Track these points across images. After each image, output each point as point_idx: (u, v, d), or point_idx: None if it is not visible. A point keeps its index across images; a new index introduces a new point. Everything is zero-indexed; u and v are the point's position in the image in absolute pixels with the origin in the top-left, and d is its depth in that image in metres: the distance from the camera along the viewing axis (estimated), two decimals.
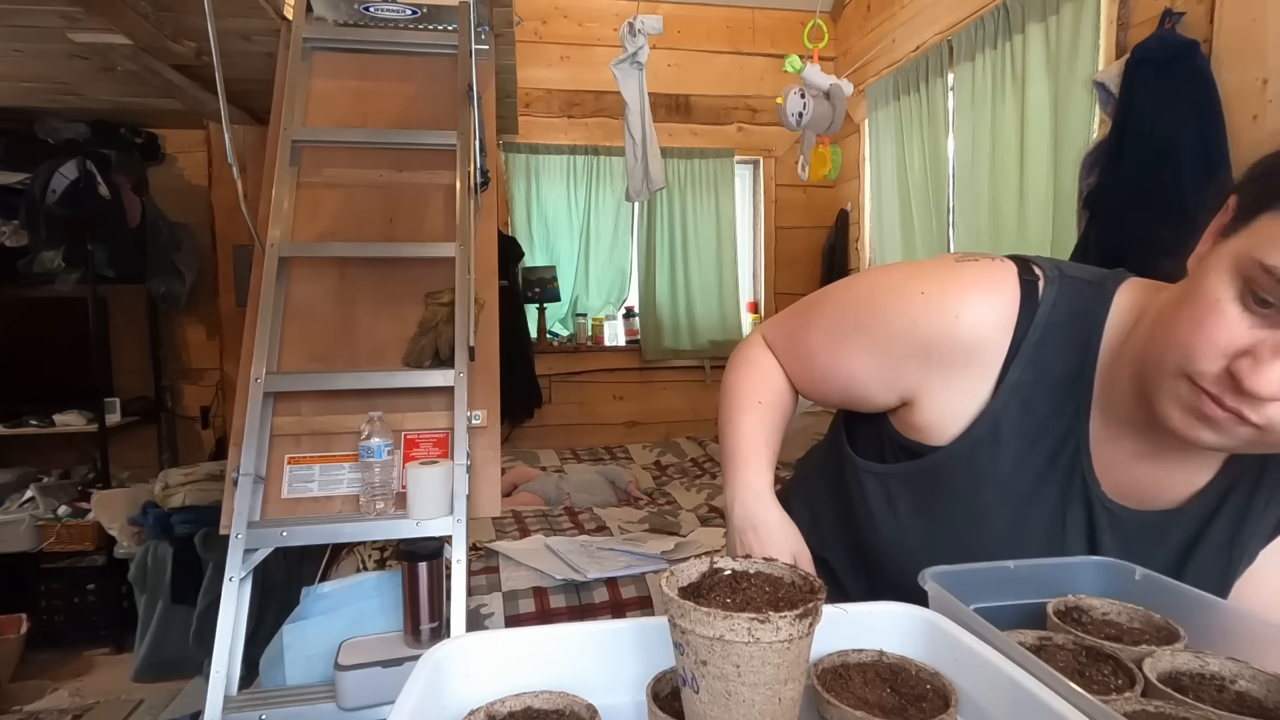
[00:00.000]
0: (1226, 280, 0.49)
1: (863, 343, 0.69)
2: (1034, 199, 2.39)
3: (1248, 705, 0.50)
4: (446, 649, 0.53)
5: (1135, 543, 0.64)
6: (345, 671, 1.38)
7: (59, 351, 3.23)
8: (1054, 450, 0.62)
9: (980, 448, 0.63)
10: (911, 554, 0.71)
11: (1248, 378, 0.46)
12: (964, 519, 0.67)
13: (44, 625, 2.93)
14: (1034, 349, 0.61)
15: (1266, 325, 0.47)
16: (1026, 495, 0.64)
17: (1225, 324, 0.48)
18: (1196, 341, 0.49)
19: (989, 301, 0.62)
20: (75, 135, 3.13)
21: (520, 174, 3.79)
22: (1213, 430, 0.51)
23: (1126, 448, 0.61)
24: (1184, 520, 0.63)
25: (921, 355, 0.64)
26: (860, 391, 0.72)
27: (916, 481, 0.70)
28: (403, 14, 1.99)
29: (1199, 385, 0.50)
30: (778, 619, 0.42)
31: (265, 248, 1.68)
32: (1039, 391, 0.61)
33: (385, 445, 1.54)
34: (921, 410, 0.67)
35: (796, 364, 0.79)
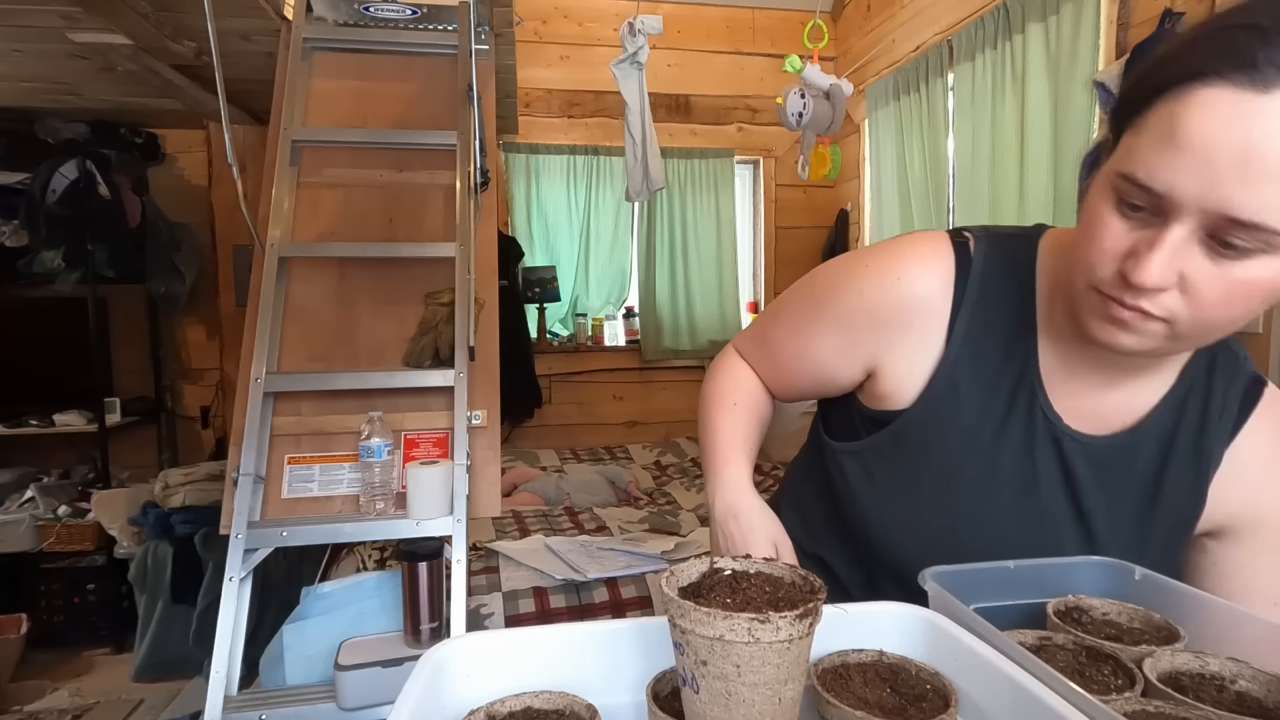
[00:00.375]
0: (1104, 196, 0.54)
1: (820, 324, 0.74)
2: (1034, 199, 2.39)
3: (1248, 705, 0.50)
4: (446, 649, 0.53)
5: (1109, 468, 0.67)
6: (345, 671, 1.38)
7: (59, 351, 3.23)
8: (1011, 393, 0.66)
9: (941, 402, 0.67)
10: (897, 524, 0.73)
11: (1133, 273, 0.52)
12: (939, 476, 0.69)
13: (44, 625, 2.93)
14: (975, 300, 0.66)
15: (1141, 226, 0.53)
16: (993, 440, 0.67)
17: (1109, 233, 0.54)
18: (1090, 254, 0.55)
19: (927, 262, 0.68)
20: (75, 135, 3.13)
21: (520, 174, 3.79)
22: (1127, 332, 0.56)
23: (1080, 377, 0.65)
24: (1149, 436, 0.66)
25: (874, 323, 0.69)
26: (827, 372, 0.76)
27: (890, 450, 0.72)
28: (403, 14, 1.99)
29: (1103, 293, 0.55)
30: (778, 619, 0.42)
31: (265, 248, 1.68)
32: (987, 340, 0.66)
33: (385, 445, 1.54)
34: (883, 377, 0.71)
35: (766, 362, 0.83)
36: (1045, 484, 0.68)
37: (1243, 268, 0.50)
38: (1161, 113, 0.50)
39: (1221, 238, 0.50)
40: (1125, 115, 0.55)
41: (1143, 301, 0.53)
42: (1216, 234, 0.50)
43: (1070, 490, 0.68)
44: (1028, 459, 0.67)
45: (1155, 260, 0.51)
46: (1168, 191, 0.50)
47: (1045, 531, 0.70)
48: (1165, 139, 0.50)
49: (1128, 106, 0.54)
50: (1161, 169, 0.50)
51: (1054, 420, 0.66)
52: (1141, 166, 0.51)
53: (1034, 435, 0.67)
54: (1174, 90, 0.50)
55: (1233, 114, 0.47)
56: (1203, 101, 0.48)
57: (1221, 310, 0.53)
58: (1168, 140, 0.49)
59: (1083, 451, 0.67)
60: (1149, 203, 0.51)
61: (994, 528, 0.69)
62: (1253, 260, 0.50)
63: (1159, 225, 0.52)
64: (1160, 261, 0.51)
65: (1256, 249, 0.49)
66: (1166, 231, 0.51)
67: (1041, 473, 0.68)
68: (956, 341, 0.67)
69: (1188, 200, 0.49)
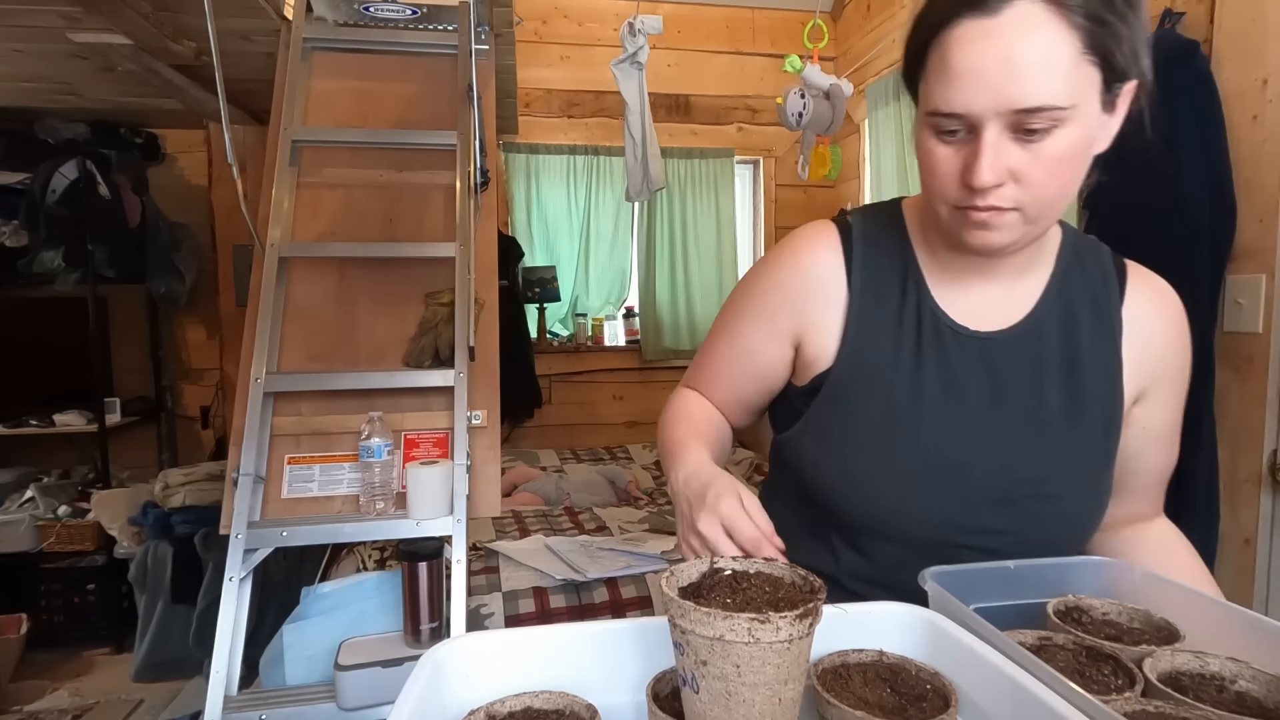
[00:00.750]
0: (926, 136, 0.66)
1: (746, 319, 0.82)
2: None
3: (1248, 705, 0.51)
4: (446, 649, 0.53)
5: (1022, 353, 0.74)
6: (345, 671, 1.38)
7: (59, 351, 3.23)
8: (915, 322, 0.75)
9: (857, 346, 0.76)
10: (857, 478, 0.75)
11: (974, 180, 0.62)
12: (877, 414, 0.74)
13: (44, 625, 2.93)
14: (862, 256, 0.77)
15: (962, 145, 0.64)
16: (914, 368, 0.74)
17: (941, 160, 0.65)
18: (937, 182, 0.67)
19: (818, 236, 0.80)
20: (75, 135, 3.13)
21: (520, 174, 3.78)
22: (991, 230, 0.66)
23: (966, 285, 0.75)
24: (1049, 317, 0.75)
25: (787, 298, 0.79)
26: (763, 360, 0.82)
27: (830, 410, 0.77)
28: (403, 14, 1.99)
29: (960, 207, 0.66)
30: (778, 619, 0.42)
31: (265, 248, 1.68)
32: (881, 284, 0.76)
33: (385, 445, 1.54)
34: (808, 345, 0.78)
35: (711, 378, 0.88)
36: (971, 389, 0.73)
37: (1049, 145, 0.61)
38: (934, 59, 0.63)
39: (1022, 128, 0.61)
40: (911, 75, 0.68)
41: (991, 199, 0.63)
42: (1017, 127, 0.61)
43: (995, 387, 0.74)
44: (945, 370, 0.74)
45: (984, 163, 0.61)
46: (966, 110, 0.61)
47: (990, 434, 0.73)
48: (946, 74, 0.62)
49: (910, 67, 0.68)
50: (954, 95, 0.61)
51: (960, 331, 0.75)
52: (940, 101, 0.63)
53: (943, 346, 0.74)
54: (934, 40, 0.63)
55: (981, 38, 0.60)
56: (957, 38, 0.61)
57: (1051, 185, 0.64)
58: (948, 74, 0.62)
59: (991, 346, 0.74)
60: (958, 125, 0.63)
61: (939, 445, 0.73)
62: (1052, 136, 0.61)
63: (974, 139, 0.63)
64: (988, 162, 0.61)
65: (1051, 126, 0.60)
66: (981, 140, 0.62)
67: (964, 378, 0.74)
68: (856, 292, 0.76)
69: (983, 110, 0.61)
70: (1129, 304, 0.77)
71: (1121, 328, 0.76)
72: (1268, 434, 1.59)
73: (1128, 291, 0.77)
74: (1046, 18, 0.58)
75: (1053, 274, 0.76)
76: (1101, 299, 0.76)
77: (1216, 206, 1.61)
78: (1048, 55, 0.58)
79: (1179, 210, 1.61)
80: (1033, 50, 0.58)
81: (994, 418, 0.73)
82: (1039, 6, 0.58)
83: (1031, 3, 0.58)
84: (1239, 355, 1.64)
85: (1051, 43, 0.58)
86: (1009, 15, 0.59)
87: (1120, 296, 0.77)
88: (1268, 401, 1.59)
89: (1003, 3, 0.59)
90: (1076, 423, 0.73)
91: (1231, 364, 1.65)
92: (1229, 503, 1.66)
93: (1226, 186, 1.61)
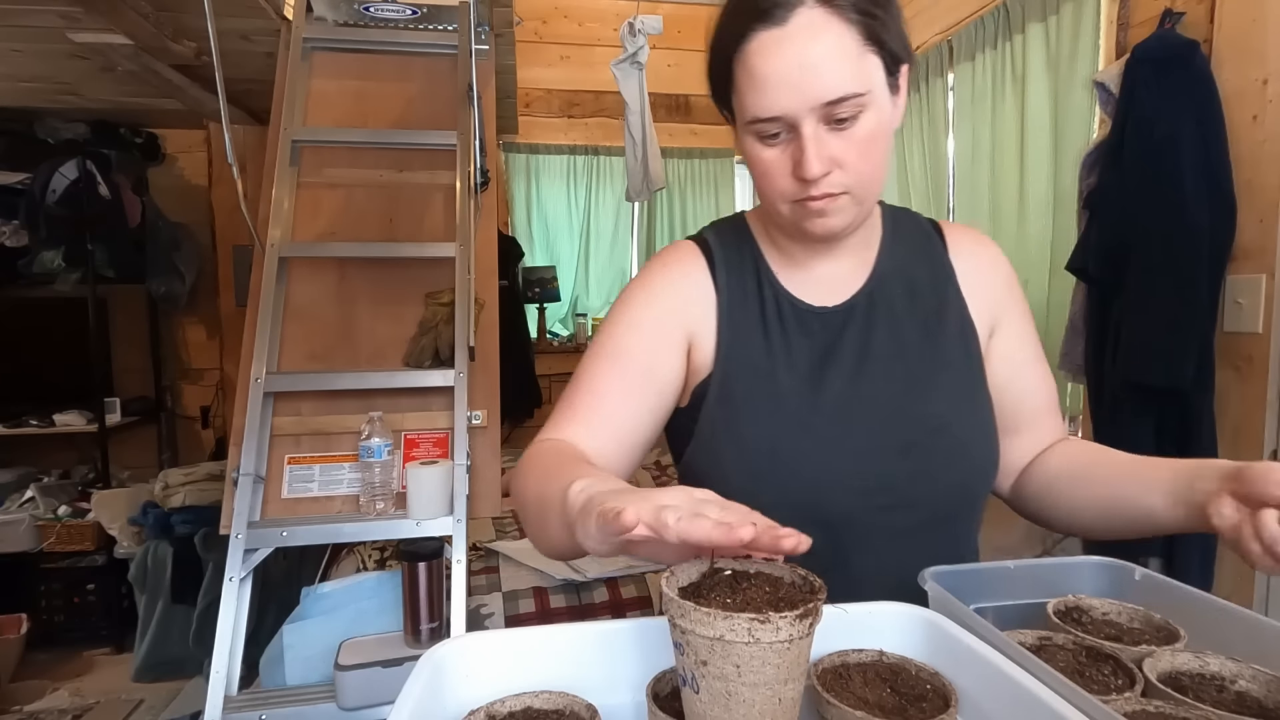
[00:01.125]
0: (752, 145, 0.72)
1: (632, 338, 0.81)
2: (1034, 199, 2.39)
3: (1248, 705, 0.50)
4: (446, 649, 0.53)
5: (877, 315, 0.80)
6: (345, 671, 1.38)
7: (59, 351, 3.23)
8: (777, 313, 0.80)
9: (735, 345, 0.80)
10: (767, 476, 0.75)
11: (805, 172, 0.68)
12: (766, 406, 0.77)
13: (44, 625, 2.93)
14: (723, 261, 0.83)
15: (786, 145, 0.70)
16: (786, 353, 0.79)
17: (772, 162, 0.71)
18: (772, 184, 0.73)
19: (680, 250, 0.86)
20: (75, 135, 3.13)
21: (520, 174, 3.78)
22: (831, 215, 0.72)
23: (812, 272, 0.82)
24: (887, 280, 0.82)
25: (671, 307, 0.81)
26: (660, 375, 0.80)
27: (721, 412, 0.79)
28: (403, 14, 1.99)
29: (798, 200, 0.72)
30: (778, 619, 0.41)
31: (265, 248, 1.68)
32: (741, 285, 0.82)
33: (385, 445, 1.54)
34: (695, 351, 0.81)
35: (592, 414, 0.77)
36: (840, 358, 0.78)
37: (858, 129, 0.68)
38: (740, 74, 0.70)
39: (833, 118, 0.67)
40: (722, 92, 0.74)
41: (823, 187, 0.70)
42: (829, 119, 0.68)
43: (861, 349, 0.79)
44: (813, 348, 0.79)
45: (810, 155, 0.68)
46: (783, 112, 0.67)
47: (871, 393, 0.77)
48: (756, 84, 0.68)
49: (720, 85, 0.74)
50: (769, 101, 0.68)
51: (814, 308, 0.81)
52: (759, 109, 0.69)
53: (806, 327, 0.80)
54: (735, 56, 0.69)
55: (777, 46, 0.66)
56: (755, 50, 0.67)
57: (867, 164, 0.70)
58: (758, 84, 0.68)
59: (848, 315, 0.80)
60: (779, 128, 0.69)
61: (829, 417, 0.76)
62: (859, 121, 0.68)
63: (794, 137, 0.69)
64: (813, 153, 0.68)
65: (857, 112, 0.68)
66: (803, 136, 0.68)
67: (832, 350, 0.79)
68: (723, 294, 0.81)
69: (798, 108, 0.67)
70: (953, 252, 0.85)
71: (954, 272, 0.84)
72: (1268, 434, 1.59)
73: (949, 242, 0.86)
74: (828, 19, 0.66)
75: (881, 242, 0.84)
76: (930, 253, 0.85)
77: (1216, 207, 1.61)
78: (837, 51, 0.66)
79: (1179, 210, 1.61)
80: (824, 49, 0.66)
81: (869, 377, 0.78)
82: (819, 11, 0.66)
83: (812, 9, 0.66)
84: (1239, 355, 1.64)
85: (837, 39, 0.66)
86: (796, 23, 0.66)
87: (945, 248, 0.85)
88: (1268, 401, 1.59)
89: (788, 13, 0.66)
90: (941, 361, 0.79)
91: (1231, 364, 1.65)
92: None
93: (1226, 186, 1.61)
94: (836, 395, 0.77)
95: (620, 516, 0.43)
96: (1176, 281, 1.62)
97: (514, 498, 0.74)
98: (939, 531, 0.77)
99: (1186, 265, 1.61)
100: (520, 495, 0.71)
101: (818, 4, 0.66)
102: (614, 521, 0.43)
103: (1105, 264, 1.78)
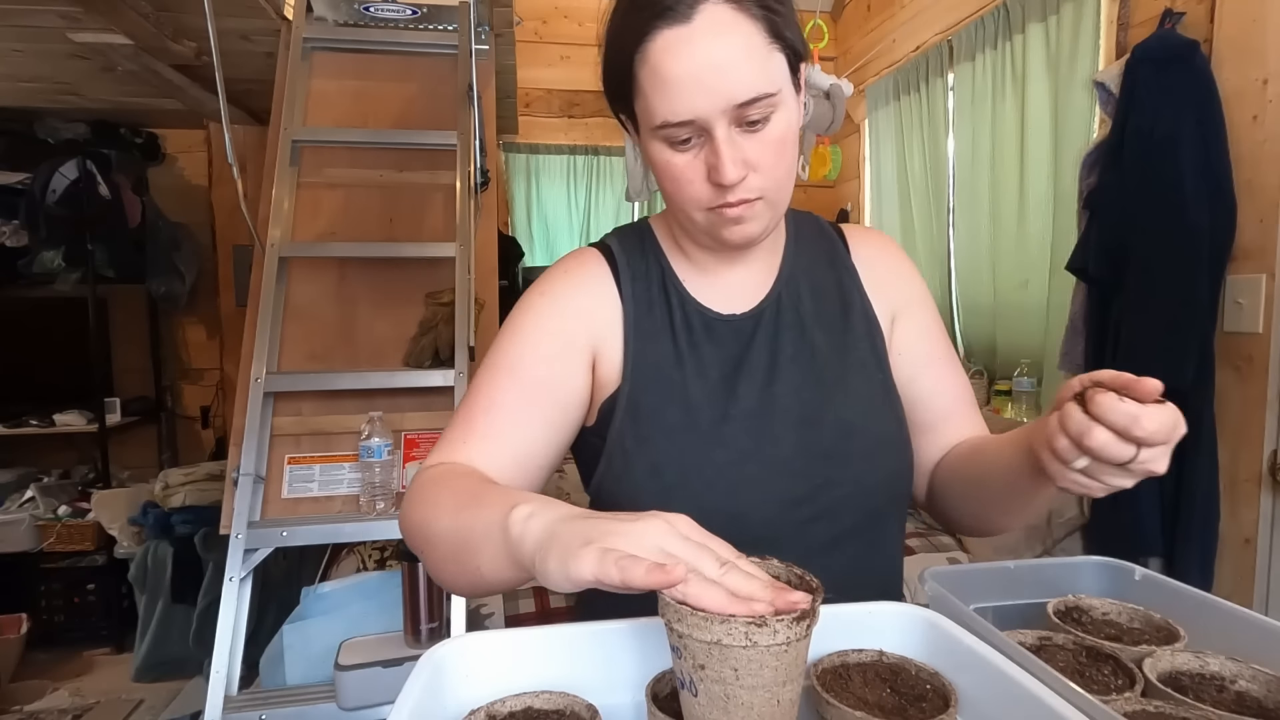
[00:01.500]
0: (661, 151, 0.68)
1: (531, 350, 0.76)
2: (1034, 199, 2.39)
3: (1248, 705, 0.50)
4: (446, 649, 0.52)
5: (785, 320, 0.78)
6: (345, 671, 1.38)
7: (59, 351, 3.23)
8: (685, 322, 0.77)
9: (641, 354, 0.76)
10: (683, 492, 0.71)
11: (722, 178, 0.65)
12: (677, 416, 0.74)
13: (44, 625, 2.93)
14: (627, 267, 0.79)
15: (698, 149, 0.66)
16: (695, 362, 0.76)
17: (684, 168, 0.67)
18: (685, 191, 0.69)
19: (583, 256, 0.82)
20: (75, 135, 3.13)
21: (520, 174, 3.78)
22: (747, 221, 0.69)
23: (719, 279, 0.79)
24: (792, 284, 0.80)
25: (575, 315, 0.77)
26: (564, 389, 0.75)
27: (631, 427, 0.74)
28: (403, 14, 1.99)
29: (713, 208, 0.68)
30: (775, 622, 0.41)
31: (265, 248, 1.68)
32: (647, 293, 0.79)
33: (385, 445, 1.54)
34: (600, 363, 0.77)
35: (489, 431, 0.72)
36: (750, 365, 0.76)
37: (770, 130, 0.65)
38: (644, 76, 0.65)
39: (745, 120, 0.64)
40: (621, 96, 0.70)
41: (740, 194, 0.67)
42: (740, 121, 0.64)
43: (771, 355, 0.77)
44: (723, 356, 0.76)
45: (726, 160, 0.64)
46: (694, 115, 0.63)
47: (783, 398, 0.74)
48: (663, 86, 0.63)
49: (618, 89, 0.69)
50: (679, 104, 0.63)
51: (722, 316, 0.78)
52: (668, 112, 0.64)
53: (714, 336, 0.77)
54: (638, 55, 0.64)
55: (684, 44, 0.62)
56: (661, 50, 0.63)
57: (780, 166, 0.68)
58: (665, 86, 0.63)
59: (756, 322, 0.78)
60: (689, 132, 0.65)
61: (744, 426, 0.73)
62: (770, 122, 0.65)
63: (706, 141, 0.65)
64: (729, 158, 0.64)
65: (768, 113, 0.65)
66: (717, 139, 0.64)
67: (741, 358, 0.76)
68: (629, 301, 0.78)
69: (708, 111, 0.63)
70: (855, 252, 0.84)
71: (857, 273, 0.83)
72: (1268, 434, 1.59)
73: (850, 244, 0.85)
74: (734, 15, 0.63)
75: (786, 246, 0.83)
76: (833, 255, 0.84)
77: (1216, 206, 1.61)
78: (746, 49, 0.63)
79: (1179, 210, 1.61)
80: (732, 47, 0.62)
81: (781, 384, 0.75)
82: (724, 7, 0.62)
83: (716, 5, 0.62)
84: (1239, 355, 1.64)
85: (745, 37, 0.63)
86: (700, 20, 0.62)
87: (846, 249, 0.84)
88: (1268, 401, 1.59)
89: (692, 9, 0.62)
90: (850, 363, 0.78)
91: (1231, 364, 1.65)
92: (1229, 503, 1.66)
93: (1226, 186, 1.61)
94: (749, 404, 0.74)
95: (664, 574, 0.41)
96: (1176, 281, 1.62)
97: (414, 530, 0.65)
98: (863, 538, 0.74)
99: (1186, 265, 1.61)
100: (425, 527, 0.63)
101: (722, 0, 0.62)
102: (638, 573, 0.41)
103: (1105, 264, 1.78)
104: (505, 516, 0.52)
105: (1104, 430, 0.51)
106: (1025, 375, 2.43)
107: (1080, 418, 0.52)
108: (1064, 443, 0.53)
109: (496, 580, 0.56)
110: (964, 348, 2.92)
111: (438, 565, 0.63)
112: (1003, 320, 2.61)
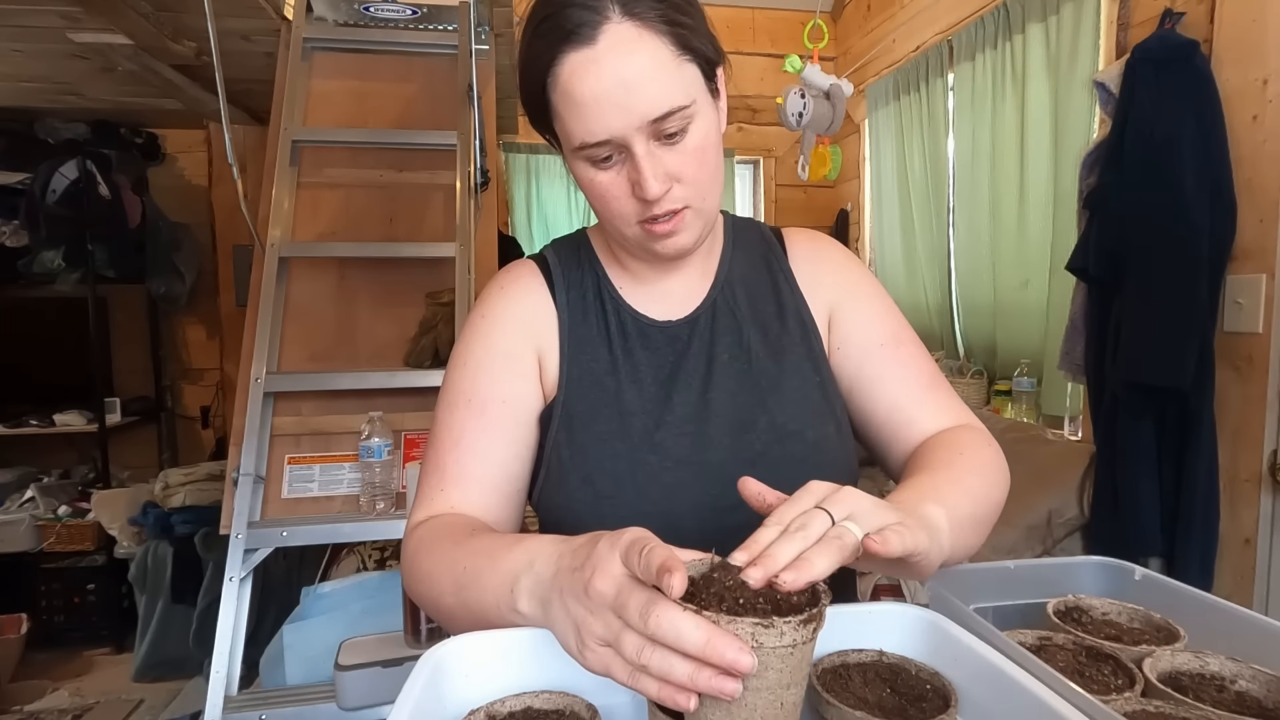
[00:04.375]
0: (585, 171, 0.69)
1: (483, 373, 0.77)
2: (1034, 199, 2.39)
3: (1248, 705, 0.51)
4: (446, 649, 0.53)
5: (720, 326, 0.79)
6: (345, 671, 1.38)
7: (59, 351, 3.23)
8: (620, 329, 0.78)
9: (579, 362, 0.77)
10: (617, 502, 0.71)
11: (645, 193, 0.66)
12: (612, 423, 0.74)
13: (44, 625, 2.93)
14: (562, 278, 0.81)
15: (620, 166, 0.67)
16: (630, 369, 0.77)
17: (608, 186, 0.68)
18: (613, 207, 0.69)
19: (517, 270, 0.83)
20: (75, 135, 3.13)
21: (520, 174, 3.78)
22: (677, 234, 0.70)
23: (654, 287, 0.80)
24: (729, 289, 0.81)
25: (515, 330, 0.78)
26: (520, 404, 0.76)
27: (567, 435, 0.74)
28: (403, 14, 1.99)
29: (641, 223, 0.69)
30: (782, 624, 0.41)
31: (265, 248, 1.68)
32: (582, 302, 0.80)
33: (385, 445, 1.54)
34: (543, 370, 0.78)
35: (462, 465, 0.73)
36: (686, 372, 0.76)
37: (689, 140, 0.67)
38: (557, 99, 0.66)
39: (662, 134, 0.65)
40: (540, 118, 0.71)
41: (666, 206, 0.68)
42: (658, 135, 0.65)
43: (706, 362, 0.77)
44: (657, 363, 0.77)
45: (647, 176, 0.65)
46: (610, 134, 0.64)
47: (718, 404, 0.74)
48: (577, 108, 0.64)
49: (536, 112, 0.70)
50: (594, 125, 0.64)
51: (658, 324, 0.79)
52: (585, 133, 0.65)
53: (649, 343, 0.78)
54: (549, 79, 0.65)
55: (592, 66, 0.63)
56: (570, 73, 0.64)
57: (704, 173, 0.69)
58: (579, 108, 0.64)
59: (691, 328, 0.79)
60: (609, 150, 0.66)
61: (678, 432, 0.73)
62: (688, 132, 0.66)
63: (627, 158, 0.66)
64: (650, 173, 0.65)
65: (685, 124, 0.66)
66: (636, 156, 0.65)
67: (676, 365, 0.77)
68: (564, 310, 0.79)
69: (624, 129, 0.64)
70: (793, 256, 0.84)
71: (794, 276, 0.83)
72: (1268, 434, 1.59)
73: (789, 247, 0.85)
74: (638, 33, 0.63)
75: (723, 252, 0.83)
76: (770, 260, 0.84)
77: (1216, 206, 1.61)
78: (654, 64, 0.63)
79: (1179, 210, 1.61)
80: (640, 65, 0.63)
81: (716, 390, 0.75)
82: (627, 25, 0.63)
83: (620, 24, 0.63)
84: (1239, 355, 1.64)
85: (652, 54, 0.63)
86: (605, 41, 0.63)
87: (784, 253, 0.84)
88: (1268, 401, 1.59)
89: (596, 30, 0.63)
90: (786, 366, 0.77)
91: (1231, 364, 1.65)
92: (1229, 503, 1.66)
93: (1226, 186, 1.61)
94: (685, 410, 0.74)
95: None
96: (1176, 281, 1.62)
97: (421, 603, 0.67)
98: None
99: (1186, 265, 1.61)
100: (433, 604, 0.64)
101: (625, 18, 0.63)
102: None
103: (1105, 264, 1.77)
104: (509, 600, 0.55)
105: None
106: (1025, 375, 2.43)
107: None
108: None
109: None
110: (964, 348, 2.92)
111: (451, 621, 0.64)
112: (1003, 320, 2.61)
